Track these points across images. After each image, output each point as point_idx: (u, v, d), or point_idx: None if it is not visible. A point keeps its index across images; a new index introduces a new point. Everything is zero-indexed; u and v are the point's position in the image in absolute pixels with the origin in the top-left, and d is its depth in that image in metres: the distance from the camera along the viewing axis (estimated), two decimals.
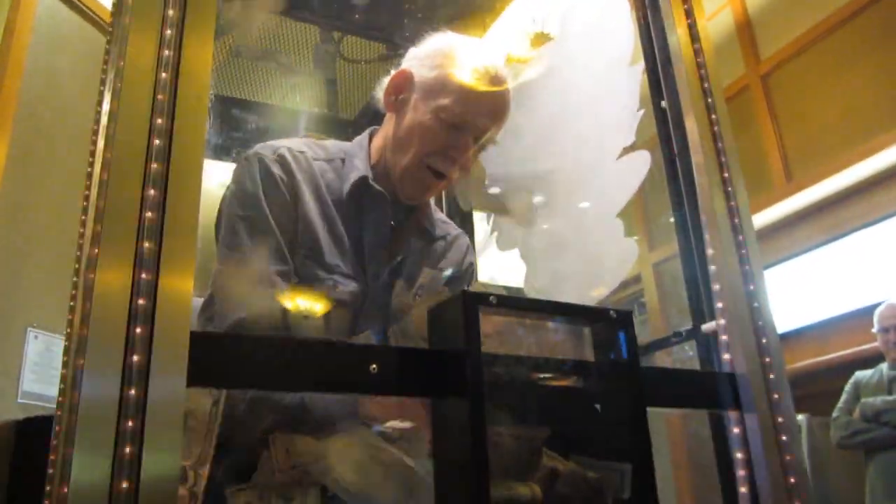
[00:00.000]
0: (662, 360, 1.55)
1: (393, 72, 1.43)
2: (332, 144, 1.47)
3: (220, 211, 1.36)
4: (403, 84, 1.41)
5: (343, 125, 2.53)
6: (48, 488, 0.83)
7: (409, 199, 1.42)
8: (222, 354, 0.73)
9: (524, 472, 0.82)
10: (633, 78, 1.49)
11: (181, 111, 0.75)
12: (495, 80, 1.36)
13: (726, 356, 1.12)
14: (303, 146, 1.41)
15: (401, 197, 1.41)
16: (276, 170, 1.33)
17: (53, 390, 3.08)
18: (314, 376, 0.78)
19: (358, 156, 1.43)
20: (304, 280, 1.29)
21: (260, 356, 0.75)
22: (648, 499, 0.86)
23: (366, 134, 1.49)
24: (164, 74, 0.76)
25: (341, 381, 0.79)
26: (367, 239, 1.37)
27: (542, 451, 0.83)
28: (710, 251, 1.22)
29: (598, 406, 0.91)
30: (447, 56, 1.38)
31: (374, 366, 0.79)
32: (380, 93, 1.44)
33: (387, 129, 1.44)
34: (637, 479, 0.86)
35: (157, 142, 0.73)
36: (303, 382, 0.79)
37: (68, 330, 0.71)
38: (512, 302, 0.85)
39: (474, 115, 1.35)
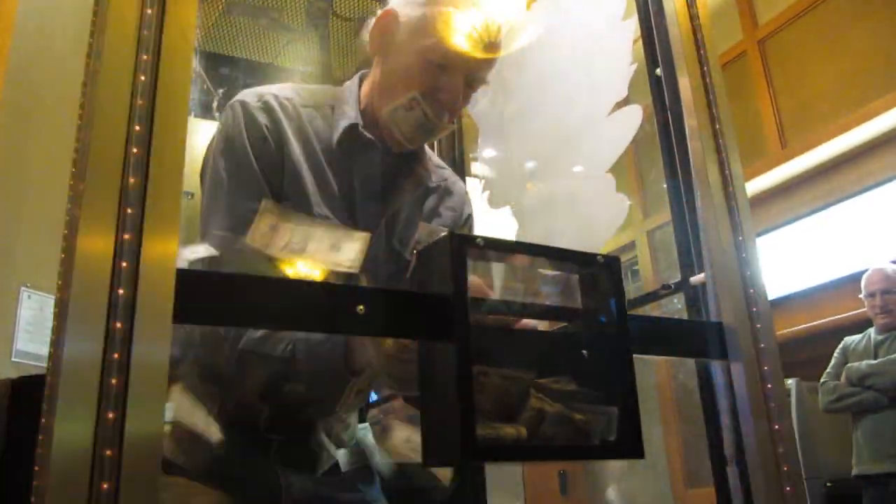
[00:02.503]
0: (654, 314, 1.56)
1: (379, 12, 1.37)
2: (321, 90, 1.43)
3: (205, 160, 1.32)
4: (388, 25, 1.34)
5: (337, 84, 2.51)
6: (40, 436, 0.83)
7: (399, 147, 1.37)
8: (208, 292, 0.73)
9: (511, 412, 0.83)
10: (625, 32, 1.48)
11: (167, 47, 0.74)
12: (484, 16, 1.31)
13: (714, 306, 1.13)
14: (290, 92, 1.36)
15: (391, 144, 1.37)
16: (261, 118, 1.29)
17: (47, 349, 3.08)
18: (302, 316, 0.78)
19: (347, 102, 1.38)
20: None
21: (248, 295, 0.75)
22: (633, 442, 0.87)
23: (356, 78, 1.44)
24: (149, 10, 0.75)
25: (329, 321, 0.79)
26: (358, 189, 1.33)
27: (530, 393, 0.84)
28: (700, 206, 1.23)
29: (584, 351, 0.92)
30: None
31: (362, 307, 0.79)
32: (366, 36, 1.38)
33: (374, 74, 1.39)
34: (623, 423, 0.87)
35: (142, 78, 0.73)
36: (290, 322, 0.79)
37: (60, 268, 0.71)
38: (499, 245, 0.85)
39: (463, 55, 1.30)
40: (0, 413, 2.85)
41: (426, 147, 1.50)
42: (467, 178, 2.21)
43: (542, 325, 1.02)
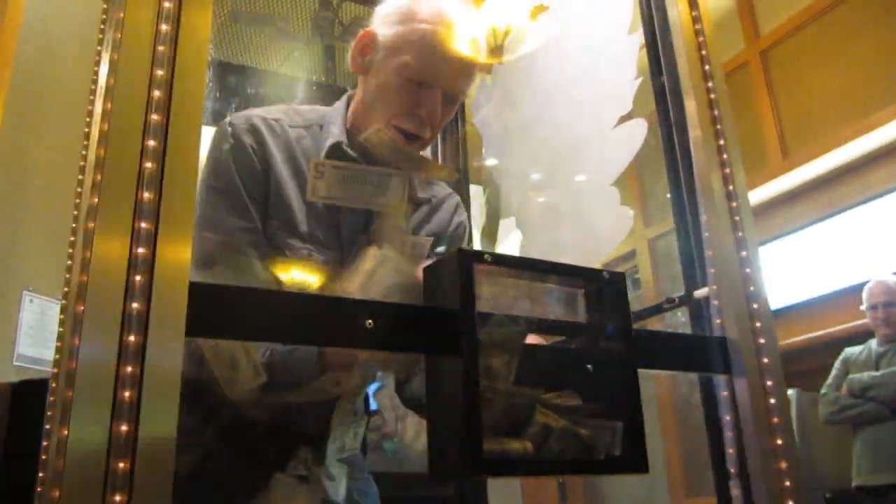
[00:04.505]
0: (656, 327, 1.56)
1: (359, 33, 1.40)
2: (310, 110, 1.45)
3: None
4: (367, 45, 1.38)
5: (341, 92, 2.52)
6: (45, 443, 0.84)
7: (383, 163, 1.36)
8: (221, 306, 0.74)
9: (518, 428, 0.83)
10: (630, 46, 1.49)
11: (181, 63, 0.75)
12: (458, 30, 1.33)
13: (717, 321, 1.14)
14: (279, 113, 1.39)
15: (376, 161, 1.36)
16: (248, 139, 1.31)
17: (48, 354, 3.09)
18: (311, 330, 0.79)
19: (335, 121, 1.40)
20: (278, 250, 1.28)
21: (259, 309, 0.76)
22: (638, 456, 0.88)
23: (344, 98, 1.46)
24: (164, 27, 0.76)
25: (337, 335, 0.80)
26: (343, 206, 1.34)
27: (536, 408, 0.85)
28: (704, 220, 1.24)
29: (589, 366, 0.93)
30: (407, 12, 1.34)
31: (370, 321, 0.80)
32: (349, 57, 1.41)
33: (358, 93, 1.42)
34: (628, 437, 0.88)
35: (156, 93, 0.74)
36: (299, 335, 0.80)
37: (67, 275, 0.72)
38: (507, 260, 0.86)
39: (438, 70, 1.32)
40: (1, 417, 2.85)
41: None
42: (471, 186, 2.23)
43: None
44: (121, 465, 0.63)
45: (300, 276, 1.27)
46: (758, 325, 1.10)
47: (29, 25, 3.10)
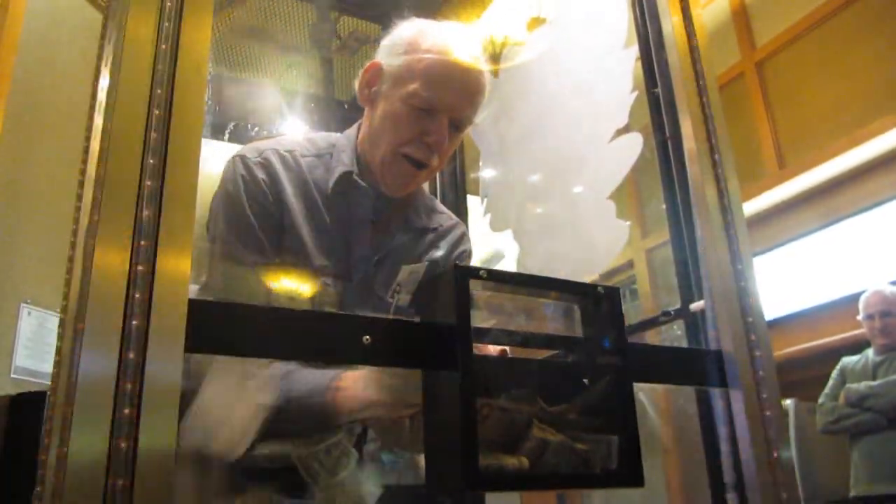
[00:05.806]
0: (653, 340, 1.57)
1: (366, 65, 1.42)
2: (322, 138, 1.46)
3: (210, 212, 1.34)
4: (374, 76, 1.40)
5: (339, 105, 2.53)
6: (43, 458, 0.84)
7: (392, 192, 1.40)
8: (219, 322, 0.74)
9: (514, 443, 0.84)
10: (626, 60, 1.50)
11: (181, 81, 0.76)
12: (464, 59, 1.34)
13: (713, 334, 1.14)
14: (292, 144, 1.40)
15: (384, 190, 1.39)
16: (260, 173, 1.32)
17: (46, 366, 3.09)
18: (308, 346, 0.79)
19: (345, 149, 1.42)
20: (294, 282, 1.30)
21: (258, 325, 0.76)
22: (633, 469, 0.88)
23: (355, 126, 1.48)
24: (164, 46, 0.77)
25: (334, 351, 0.81)
26: (352, 235, 1.37)
27: (532, 423, 0.85)
28: (699, 233, 1.24)
29: (586, 380, 0.93)
30: (413, 42, 1.36)
31: (367, 337, 0.80)
32: (356, 88, 1.43)
33: (366, 122, 1.43)
34: (623, 451, 0.88)
35: (156, 111, 0.74)
36: (297, 352, 0.81)
37: (66, 289, 0.72)
38: (502, 276, 0.87)
39: (444, 98, 1.33)
40: None
41: (424, 191, 1.53)
42: (468, 196, 2.24)
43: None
44: (120, 481, 0.64)
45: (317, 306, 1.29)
46: (753, 337, 1.11)
47: (28, 34, 3.11)
